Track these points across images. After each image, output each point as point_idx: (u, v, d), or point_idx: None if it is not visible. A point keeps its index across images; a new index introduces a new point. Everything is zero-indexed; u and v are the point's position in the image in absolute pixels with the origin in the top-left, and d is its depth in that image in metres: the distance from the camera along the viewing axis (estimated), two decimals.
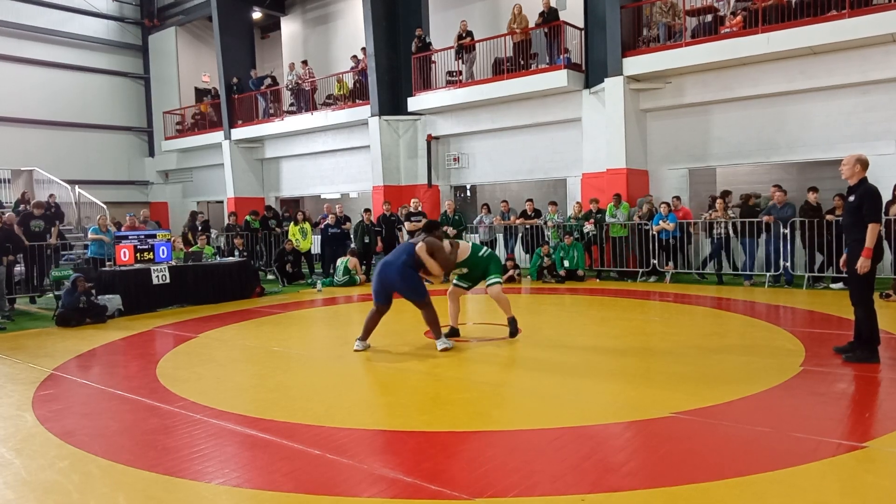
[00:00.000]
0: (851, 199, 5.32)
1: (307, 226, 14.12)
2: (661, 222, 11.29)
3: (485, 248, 6.97)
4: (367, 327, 6.48)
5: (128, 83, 23.24)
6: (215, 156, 20.77)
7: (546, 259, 12.09)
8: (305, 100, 18.09)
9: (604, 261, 12.24)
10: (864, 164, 5.33)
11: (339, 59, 19.00)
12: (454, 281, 7.05)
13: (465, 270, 6.81)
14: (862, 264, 5.13)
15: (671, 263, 11.38)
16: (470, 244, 6.89)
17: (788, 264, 10.34)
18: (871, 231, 5.12)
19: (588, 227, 12.14)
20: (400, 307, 6.31)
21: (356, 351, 6.39)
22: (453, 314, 6.99)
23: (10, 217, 10.93)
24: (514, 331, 6.77)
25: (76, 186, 17.30)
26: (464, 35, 14.82)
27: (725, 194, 11.24)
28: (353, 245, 13.27)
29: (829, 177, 11.15)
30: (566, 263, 11.93)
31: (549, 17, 13.47)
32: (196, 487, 3.31)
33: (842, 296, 7.64)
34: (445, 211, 13.48)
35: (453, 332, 6.84)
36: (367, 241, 13.21)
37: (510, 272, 12.01)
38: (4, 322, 9.16)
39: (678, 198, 11.90)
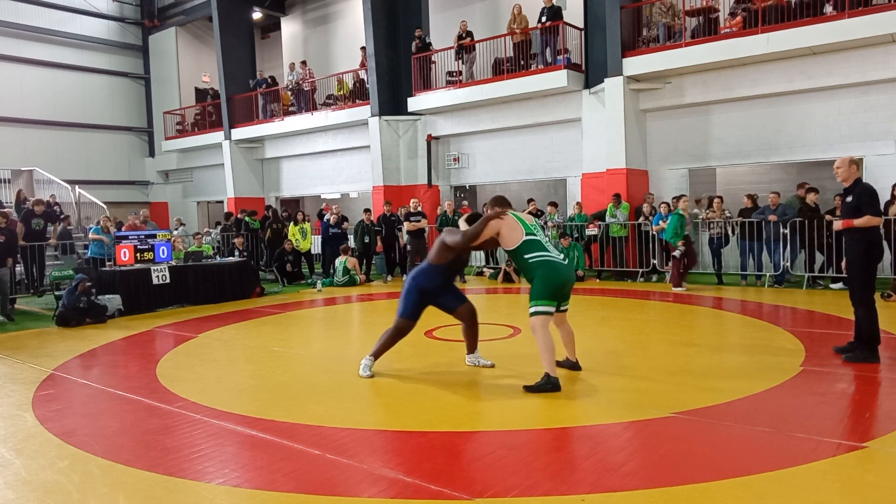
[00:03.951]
0: (849, 199, 5.34)
1: (307, 226, 14.13)
2: (661, 222, 11.28)
3: (537, 236, 5.10)
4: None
5: (128, 83, 23.23)
6: (215, 156, 20.77)
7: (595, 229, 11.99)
8: (305, 100, 18.09)
9: (604, 261, 12.24)
10: (857, 164, 5.44)
11: (339, 59, 19.01)
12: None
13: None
14: (836, 225, 5.18)
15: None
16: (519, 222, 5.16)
17: (788, 264, 10.35)
18: (868, 219, 5.16)
19: (593, 231, 12.09)
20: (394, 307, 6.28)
21: None
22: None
23: (9, 212, 10.95)
24: (535, 387, 4.77)
25: (76, 186, 17.30)
26: (464, 35, 14.82)
27: (708, 204, 11.17)
28: (348, 244, 13.22)
29: (828, 177, 11.08)
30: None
31: (552, 16, 13.43)
32: (196, 487, 3.31)
33: (842, 296, 7.64)
34: (445, 211, 13.46)
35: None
36: (367, 241, 13.21)
37: (504, 267, 12.09)
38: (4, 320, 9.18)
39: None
